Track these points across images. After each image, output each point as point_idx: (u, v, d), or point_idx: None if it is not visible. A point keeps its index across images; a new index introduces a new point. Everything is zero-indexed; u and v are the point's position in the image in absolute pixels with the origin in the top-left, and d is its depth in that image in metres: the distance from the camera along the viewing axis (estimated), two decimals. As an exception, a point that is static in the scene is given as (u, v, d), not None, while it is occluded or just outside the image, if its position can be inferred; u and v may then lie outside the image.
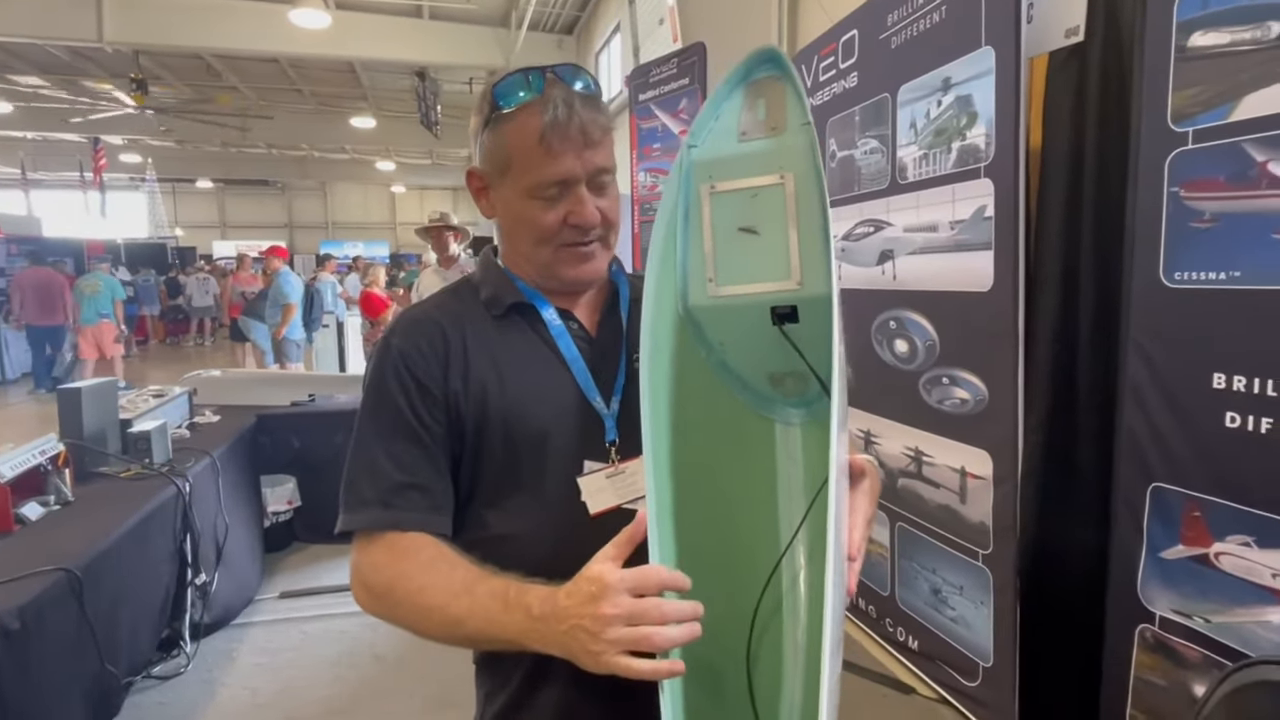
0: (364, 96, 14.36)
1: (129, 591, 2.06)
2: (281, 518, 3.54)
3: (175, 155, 18.24)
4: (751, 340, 0.82)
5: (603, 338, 0.87)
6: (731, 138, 0.82)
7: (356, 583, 0.79)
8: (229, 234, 22.82)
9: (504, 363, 0.82)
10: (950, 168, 1.98)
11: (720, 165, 0.82)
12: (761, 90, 0.81)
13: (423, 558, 0.76)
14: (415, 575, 0.75)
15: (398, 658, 2.64)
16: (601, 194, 0.82)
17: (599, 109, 0.81)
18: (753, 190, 0.80)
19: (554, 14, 9.71)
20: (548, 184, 0.79)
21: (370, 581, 0.77)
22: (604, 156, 0.81)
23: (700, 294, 0.83)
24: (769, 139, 0.80)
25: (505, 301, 0.85)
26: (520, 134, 0.79)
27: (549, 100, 0.78)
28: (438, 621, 0.73)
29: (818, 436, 0.81)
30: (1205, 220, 1.42)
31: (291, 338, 6.58)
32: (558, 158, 0.78)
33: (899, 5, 2.15)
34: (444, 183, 22.80)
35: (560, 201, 0.80)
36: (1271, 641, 1.35)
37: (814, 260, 0.77)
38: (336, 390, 4.12)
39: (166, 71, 12.02)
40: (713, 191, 0.82)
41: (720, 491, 0.82)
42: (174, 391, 3.19)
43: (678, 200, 0.85)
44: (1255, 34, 1.33)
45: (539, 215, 0.81)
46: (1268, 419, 1.33)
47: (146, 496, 2.25)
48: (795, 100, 0.78)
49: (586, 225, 0.81)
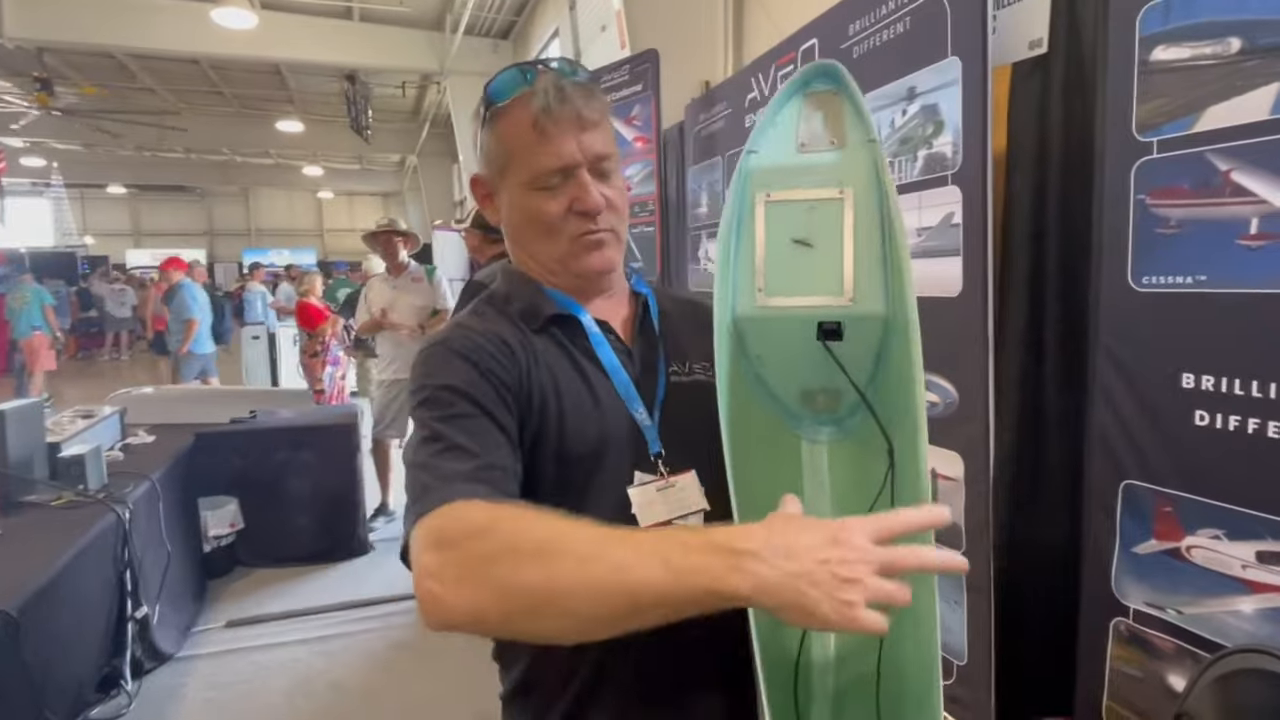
0: (290, 99, 13.88)
1: (67, 630, 1.92)
2: (224, 541, 3.37)
3: (84, 159, 17.22)
4: (789, 354, 0.81)
5: (640, 349, 0.84)
6: (790, 147, 0.81)
7: (442, 563, 0.57)
8: (144, 242, 21.71)
9: (559, 378, 0.79)
10: (917, 175, 2.02)
11: (778, 174, 0.81)
12: (819, 104, 0.81)
13: (536, 513, 0.60)
14: (541, 526, 0.58)
15: (358, 686, 2.53)
16: (605, 181, 0.80)
17: (593, 94, 0.79)
18: (810, 203, 0.80)
19: (490, 18, 9.58)
20: (548, 172, 0.78)
21: (470, 549, 0.56)
22: (602, 142, 0.79)
23: (748, 303, 0.81)
24: (830, 153, 0.80)
25: (544, 313, 0.82)
26: (515, 126, 0.78)
27: (540, 88, 0.77)
28: (584, 576, 0.53)
29: (845, 455, 0.81)
30: (1171, 226, 1.47)
31: (199, 352, 6.29)
32: (554, 143, 0.76)
33: (861, 15, 2.19)
34: (374, 188, 22.23)
35: (563, 190, 0.78)
36: (1243, 630, 1.41)
37: (868, 278, 0.76)
38: (279, 405, 3.95)
39: (74, 71, 11.33)
40: (768, 200, 0.81)
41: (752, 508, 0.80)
42: (104, 411, 3.00)
43: (735, 207, 0.83)
44: (1216, 49, 1.39)
45: (543, 206, 0.79)
46: (1235, 417, 1.39)
47: (83, 526, 2.10)
48: (856, 116, 0.78)
49: (592, 210, 0.78)
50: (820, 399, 0.82)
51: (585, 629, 0.55)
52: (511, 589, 0.54)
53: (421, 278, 4.11)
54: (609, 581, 0.53)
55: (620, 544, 0.55)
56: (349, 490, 3.68)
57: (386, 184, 21.59)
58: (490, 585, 0.55)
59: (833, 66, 0.80)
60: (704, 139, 3.50)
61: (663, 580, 0.53)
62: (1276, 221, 1.31)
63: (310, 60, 9.98)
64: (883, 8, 2.08)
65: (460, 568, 0.56)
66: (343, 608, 3.12)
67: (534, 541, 0.56)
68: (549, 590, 0.54)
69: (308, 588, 3.34)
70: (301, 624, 2.98)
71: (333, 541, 3.64)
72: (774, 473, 0.82)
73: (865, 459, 0.65)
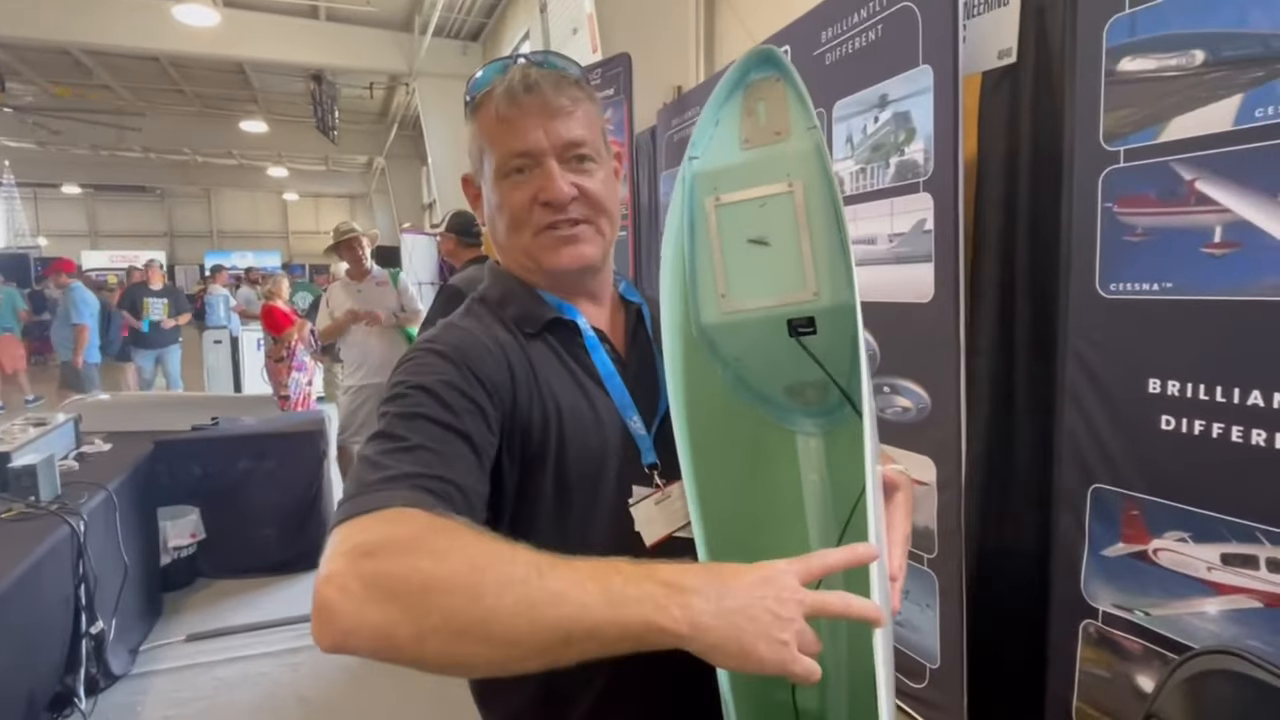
0: (254, 99, 13.63)
1: (17, 647, 1.84)
2: (184, 552, 3.27)
3: (37, 158, 16.71)
4: (767, 353, 0.79)
5: (634, 357, 0.82)
6: (734, 146, 0.79)
7: (359, 573, 0.50)
8: (101, 244, 21.13)
9: (556, 388, 0.75)
10: (889, 182, 2.04)
11: (724, 176, 0.79)
12: (760, 93, 0.78)
13: (476, 532, 0.54)
14: (475, 544, 0.52)
15: (326, 700, 2.47)
16: (578, 171, 0.76)
17: (565, 82, 0.76)
18: (760, 200, 0.78)
19: (459, 20, 9.50)
20: (510, 156, 0.75)
21: (393, 562, 0.50)
22: (574, 129, 0.75)
23: (712, 311, 0.80)
24: (773, 145, 0.77)
25: (541, 318, 0.78)
26: (485, 117, 0.76)
27: (508, 77, 0.75)
28: (514, 602, 0.49)
29: (840, 445, 0.80)
30: (1138, 234, 1.50)
31: (90, 361, 6.10)
32: (517, 128, 0.74)
33: (833, 23, 2.20)
34: (340, 190, 21.91)
35: (530, 179, 0.75)
36: (1208, 631, 1.43)
37: (829, 268, 0.75)
38: (242, 411, 3.86)
39: (26, 66, 11.00)
40: (718, 204, 0.80)
41: (747, 513, 0.79)
42: (57, 419, 2.89)
43: (683, 214, 0.81)
44: (1181, 61, 1.41)
45: (508, 195, 0.76)
46: (1200, 421, 1.42)
47: (34, 539, 2.01)
48: (798, 103, 0.76)
49: (555, 200, 0.74)
50: (807, 393, 0.81)
51: (504, 660, 0.50)
52: (430, 609, 0.49)
53: (386, 281, 4.04)
54: (543, 608, 0.49)
55: (559, 570, 0.51)
56: (315, 498, 3.60)
57: (353, 186, 21.29)
58: (404, 602, 0.49)
59: (771, 52, 0.78)
60: (676, 143, 3.50)
61: (600, 609, 0.50)
62: (1239, 230, 1.34)
63: (275, 59, 9.80)
64: (855, 15, 2.10)
65: (371, 579, 0.49)
66: (309, 619, 3.04)
67: (465, 559, 0.51)
68: (473, 614, 0.48)
69: (272, 599, 3.25)
70: (266, 636, 2.90)
71: (298, 551, 3.55)
72: (769, 471, 0.81)
73: (858, 447, 0.65)
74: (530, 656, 0.50)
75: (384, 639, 0.49)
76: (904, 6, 1.91)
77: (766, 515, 0.80)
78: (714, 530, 0.73)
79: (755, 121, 0.78)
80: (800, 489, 0.81)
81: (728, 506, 0.78)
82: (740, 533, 0.78)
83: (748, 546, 0.78)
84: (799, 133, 0.76)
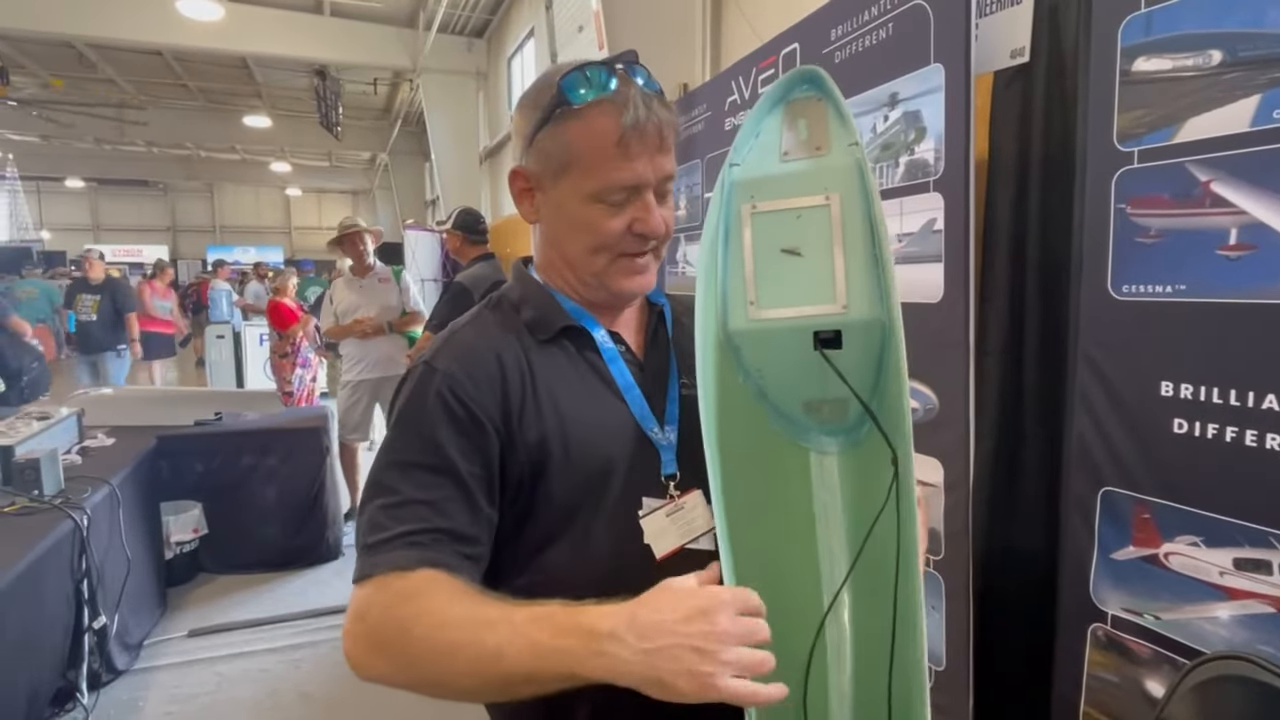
0: (258, 94, 13.63)
1: (20, 642, 1.83)
2: (186, 548, 3.27)
3: (41, 151, 16.72)
4: (789, 366, 0.79)
5: (652, 361, 0.81)
6: (773, 157, 0.80)
7: (357, 633, 0.66)
8: (103, 237, 21.15)
9: (560, 396, 0.75)
10: (898, 181, 2.02)
11: (763, 185, 0.80)
12: (801, 110, 0.80)
13: (445, 591, 0.66)
14: (437, 609, 0.64)
15: (327, 696, 2.47)
16: (664, 202, 0.78)
17: (671, 110, 0.77)
18: (797, 211, 0.78)
19: (464, 16, 9.48)
20: (617, 188, 0.75)
21: (377, 626, 0.65)
22: (673, 163, 0.78)
23: (740, 317, 0.79)
24: (813, 159, 0.79)
25: (554, 325, 0.78)
26: (590, 133, 0.74)
27: (628, 100, 0.73)
28: (466, 660, 0.61)
29: (855, 465, 0.79)
30: (1151, 236, 1.49)
31: None
32: (633, 161, 0.74)
33: (843, 20, 2.19)
34: (343, 186, 21.92)
35: (626, 208, 0.76)
36: (1220, 636, 1.42)
37: (860, 284, 0.75)
38: (243, 407, 3.85)
39: (30, 60, 10.99)
40: (754, 211, 0.80)
41: (764, 527, 0.78)
42: (61, 413, 2.88)
43: (719, 221, 0.81)
44: (1197, 61, 1.40)
45: (601, 221, 0.76)
46: (1214, 424, 1.41)
47: (38, 533, 2.01)
48: (839, 121, 0.77)
49: (651, 234, 0.77)
50: (825, 410, 0.80)
51: (479, 698, 0.65)
52: (410, 667, 0.64)
53: (389, 278, 4.04)
54: (486, 666, 0.60)
55: (498, 629, 0.61)
56: (317, 494, 3.60)
57: (357, 182, 21.28)
58: (395, 662, 0.64)
59: (814, 72, 0.79)
60: (683, 142, 3.48)
61: (530, 664, 0.59)
62: (1255, 232, 1.33)
63: (279, 54, 9.78)
64: (865, 13, 2.08)
65: (371, 641, 0.65)
66: (311, 615, 3.04)
67: (428, 628, 0.63)
68: (438, 671, 0.63)
69: (275, 595, 3.25)
70: (268, 632, 2.90)
71: (300, 547, 3.56)
72: (783, 487, 0.80)
73: (875, 468, 0.64)
74: (493, 695, 0.65)
75: (388, 680, 0.66)
76: (916, 5, 1.89)
77: (780, 530, 0.80)
78: (739, 545, 0.73)
79: (796, 135, 0.79)
80: (812, 506, 0.80)
81: (750, 520, 0.77)
82: (760, 547, 0.77)
83: (764, 560, 0.78)
84: (840, 149, 0.78)
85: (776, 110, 0.81)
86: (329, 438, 3.74)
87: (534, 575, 0.73)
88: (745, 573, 0.73)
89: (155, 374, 7.51)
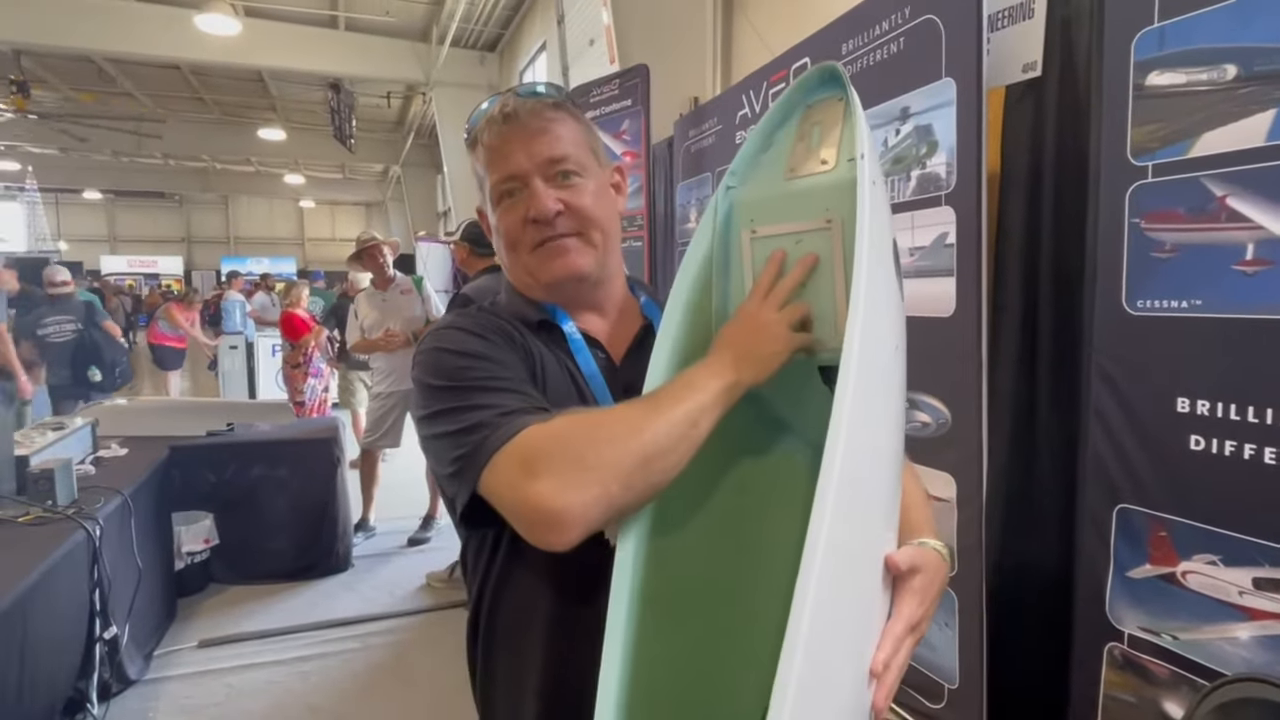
0: (273, 107, 13.78)
1: (33, 652, 1.83)
2: (197, 558, 3.27)
3: (59, 164, 16.97)
4: (799, 394, 0.76)
5: (627, 369, 0.82)
6: (778, 175, 0.74)
7: (539, 483, 0.62)
8: (119, 248, 21.42)
9: (544, 378, 0.79)
10: (910, 195, 2.02)
11: (764, 207, 0.75)
12: (818, 116, 0.73)
13: (581, 411, 0.70)
14: (589, 417, 0.68)
15: (336, 709, 2.46)
16: (563, 187, 0.80)
17: (543, 104, 0.80)
18: (797, 235, 0.72)
19: (476, 30, 9.58)
20: (501, 182, 0.80)
21: (549, 451, 0.64)
22: (554, 147, 0.79)
23: None
24: (817, 176, 0.71)
25: (530, 319, 0.83)
26: (479, 149, 0.82)
27: (490, 109, 0.81)
28: (657, 424, 0.64)
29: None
30: (1166, 250, 1.47)
31: None
32: (502, 154, 0.79)
33: (855, 34, 2.19)
34: (356, 198, 22.10)
35: (520, 200, 0.80)
36: (1240, 657, 1.40)
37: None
38: (255, 418, 3.87)
39: (51, 74, 11.17)
40: (754, 236, 0.75)
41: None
42: (75, 423, 2.91)
43: (713, 247, 0.78)
44: (1212, 75, 1.39)
45: (504, 219, 0.81)
46: (1231, 442, 1.39)
47: (51, 543, 2.02)
48: (851, 130, 0.69)
49: (540, 216, 0.78)
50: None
51: (678, 457, 0.65)
52: (620, 464, 0.62)
53: (411, 289, 4.05)
54: (674, 416, 0.65)
55: (657, 398, 0.68)
56: (328, 505, 3.60)
57: (369, 194, 21.45)
58: (603, 471, 0.62)
59: (835, 69, 0.72)
60: (693, 154, 3.50)
61: (700, 397, 0.66)
62: (1273, 247, 1.32)
63: (294, 68, 9.91)
64: (877, 28, 2.09)
65: (568, 472, 0.62)
66: (320, 627, 3.03)
67: (607, 426, 0.65)
68: (644, 444, 0.63)
69: (284, 606, 3.24)
70: (277, 644, 2.90)
71: (311, 558, 3.55)
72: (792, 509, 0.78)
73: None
74: (684, 444, 0.65)
75: (607, 502, 0.62)
76: (927, 19, 1.89)
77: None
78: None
79: (806, 148, 0.73)
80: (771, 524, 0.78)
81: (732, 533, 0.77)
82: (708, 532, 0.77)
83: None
84: (844, 163, 0.70)
85: (793, 118, 0.75)
86: (340, 449, 3.74)
87: (504, 557, 0.78)
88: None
89: (171, 385, 7.59)
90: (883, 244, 0.67)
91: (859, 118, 0.68)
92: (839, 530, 0.53)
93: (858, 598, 0.59)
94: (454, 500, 0.71)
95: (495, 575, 0.80)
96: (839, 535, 0.53)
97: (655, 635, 0.70)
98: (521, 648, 0.78)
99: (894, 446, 0.67)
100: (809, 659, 0.48)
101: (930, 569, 0.69)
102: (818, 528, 0.51)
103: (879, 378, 0.62)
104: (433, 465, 0.74)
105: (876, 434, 0.63)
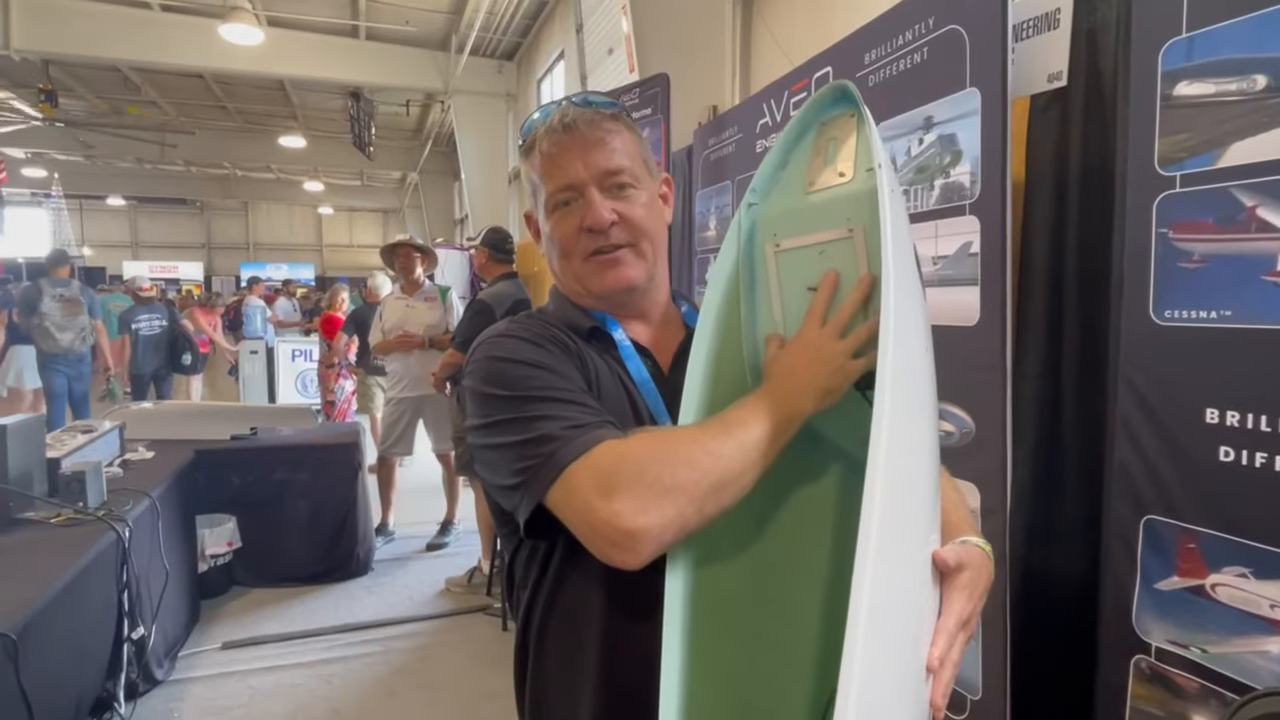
0: (293, 115, 13.95)
1: (64, 652, 1.87)
2: (220, 561, 3.32)
3: (84, 170, 17.25)
4: (837, 406, 0.77)
5: (675, 377, 0.83)
6: (798, 190, 0.76)
7: (613, 503, 0.63)
8: (142, 254, 21.70)
9: (599, 386, 0.80)
10: (933, 204, 2.02)
11: (786, 221, 0.77)
12: (833, 132, 0.75)
13: (653, 432, 0.71)
14: (662, 437, 0.69)
15: (358, 712, 2.48)
16: (618, 198, 0.82)
17: (601, 115, 0.82)
18: (820, 246, 0.74)
19: (495, 39, 9.66)
20: (558, 191, 0.81)
21: (623, 471, 0.64)
22: (611, 159, 0.81)
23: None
24: (837, 188, 0.73)
25: (582, 328, 0.84)
26: (536, 156, 0.82)
27: (550, 118, 0.81)
28: (728, 450, 0.66)
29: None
30: (1195, 261, 1.47)
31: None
32: (560, 164, 0.80)
33: (877, 44, 2.20)
34: (374, 205, 22.28)
35: (575, 210, 0.81)
36: (1271, 671, 1.38)
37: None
38: (278, 422, 3.91)
39: (78, 83, 11.39)
40: (778, 250, 0.77)
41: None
42: (104, 426, 2.95)
43: (738, 264, 0.79)
44: (1241, 85, 1.39)
45: (558, 228, 0.82)
46: (1262, 453, 1.38)
47: (83, 544, 2.05)
48: (865, 142, 0.72)
49: (595, 225, 0.80)
50: None
51: (746, 481, 0.67)
52: (696, 488, 0.64)
53: (435, 297, 4.10)
54: (745, 442, 0.66)
55: (726, 423, 0.68)
56: (349, 510, 3.64)
57: (387, 200, 21.64)
58: (680, 494, 0.63)
59: (846, 86, 0.74)
60: (713, 163, 3.51)
61: (767, 426, 0.67)
62: (1303, 258, 1.31)
63: (315, 77, 10.04)
64: (900, 37, 2.09)
65: (646, 494, 0.63)
66: (342, 630, 3.06)
67: (684, 449, 0.65)
68: (717, 470, 0.64)
69: (306, 609, 3.28)
70: (299, 647, 2.92)
71: (331, 562, 3.59)
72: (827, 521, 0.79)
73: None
74: (751, 471, 0.67)
75: (681, 524, 0.64)
76: (951, 29, 1.90)
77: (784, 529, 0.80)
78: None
79: (823, 162, 0.75)
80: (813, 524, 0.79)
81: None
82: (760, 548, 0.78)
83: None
84: (862, 174, 0.72)
85: (809, 136, 0.77)
86: (361, 454, 3.78)
87: (557, 566, 0.79)
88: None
89: (193, 388, 7.68)
90: (905, 247, 0.70)
91: (872, 131, 0.71)
92: (889, 530, 0.54)
93: (910, 596, 0.61)
94: (513, 510, 0.71)
95: (548, 585, 0.80)
96: (889, 535, 0.54)
97: (709, 644, 0.72)
98: (574, 659, 0.79)
99: (932, 446, 0.69)
100: (868, 658, 0.49)
101: (975, 565, 0.71)
102: (868, 528, 0.52)
103: (915, 377, 0.65)
104: (484, 474, 0.75)
105: (916, 434, 0.64)
